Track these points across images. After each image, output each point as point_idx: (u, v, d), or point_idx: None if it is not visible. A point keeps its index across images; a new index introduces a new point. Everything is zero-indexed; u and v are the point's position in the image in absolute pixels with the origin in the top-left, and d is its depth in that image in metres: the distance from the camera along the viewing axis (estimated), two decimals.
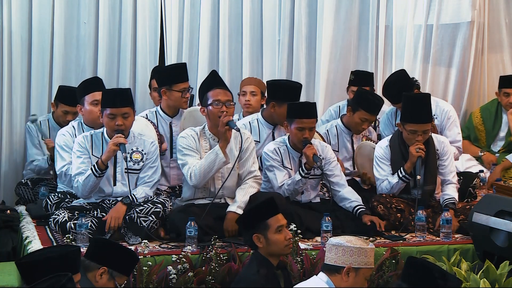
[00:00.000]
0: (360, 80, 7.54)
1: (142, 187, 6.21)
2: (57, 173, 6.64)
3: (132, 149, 6.24)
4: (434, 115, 7.41)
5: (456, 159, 7.27)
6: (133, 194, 6.11)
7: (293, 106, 6.45)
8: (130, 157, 6.22)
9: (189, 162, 6.15)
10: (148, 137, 6.38)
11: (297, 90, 6.81)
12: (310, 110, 6.42)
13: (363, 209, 6.36)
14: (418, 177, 6.36)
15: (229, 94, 6.24)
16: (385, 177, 6.55)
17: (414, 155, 6.38)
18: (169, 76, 6.80)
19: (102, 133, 6.23)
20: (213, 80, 6.98)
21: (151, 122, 6.85)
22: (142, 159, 6.25)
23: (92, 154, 6.18)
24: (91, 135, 6.23)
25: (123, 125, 6.15)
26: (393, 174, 6.54)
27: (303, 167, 6.37)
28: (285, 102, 6.57)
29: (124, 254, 4.66)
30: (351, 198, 6.44)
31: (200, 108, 6.35)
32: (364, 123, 6.97)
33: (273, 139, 6.79)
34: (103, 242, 4.80)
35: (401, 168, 6.45)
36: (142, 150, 6.25)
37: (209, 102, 6.17)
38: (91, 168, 6.03)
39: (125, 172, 6.19)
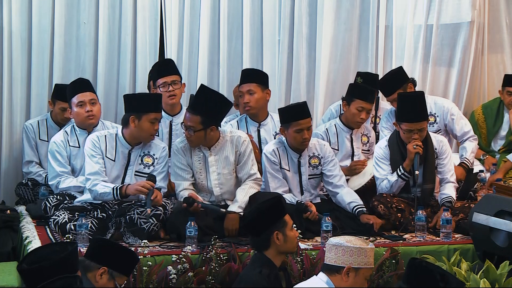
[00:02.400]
0: (368, 83, 7.52)
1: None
2: (49, 182, 6.66)
3: (144, 152, 6.24)
4: (435, 113, 7.42)
5: (476, 153, 7.49)
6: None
7: (286, 110, 6.48)
8: (141, 160, 6.22)
9: (176, 185, 6.24)
10: (159, 142, 6.38)
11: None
12: (303, 110, 6.42)
13: (361, 209, 6.37)
14: (417, 172, 6.40)
15: (193, 119, 6.11)
16: (384, 176, 6.56)
17: (411, 151, 6.41)
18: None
19: (116, 134, 6.22)
20: (195, 98, 6.47)
21: None
22: (153, 163, 6.25)
23: (106, 156, 6.17)
24: (105, 136, 6.22)
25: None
26: (392, 173, 6.55)
27: (402, 167, 6.43)
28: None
29: (124, 254, 4.65)
30: (349, 199, 6.46)
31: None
32: (361, 112, 6.97)
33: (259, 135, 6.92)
34: (103, 242, 4.79)
35: (400, 166, 6.47)
36: (154, 155, 6.25)
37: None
38: (114, 189, 6.01)
39: (135, 175, 6.20)
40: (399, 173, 6.48)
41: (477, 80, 8.68)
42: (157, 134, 6.87)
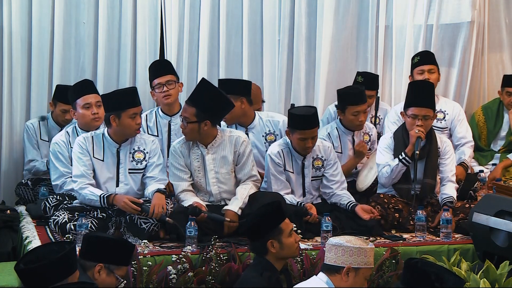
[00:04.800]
0: (368, 82, 7.54)
1: (156, 183, 6.21)
2: (52, 183, 6.66)
3: (133, 149, 6.24)
4: (445, 111, 7.48)
5: (471, 157, 7.55)
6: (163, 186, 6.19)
7: (294, 116, 6.39)
8: (133, 157, 6.22)
9: (175, 185, 6.25)
10: (148, 136, 6.39)
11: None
12: (311, 121, 6.36)
13: (355, 203, 6.40)
14: (417, 152, 6.44)
15: (188, 110, 6.13)
16: (386, 163, 6.57)
17: (413, 135, 6.47)
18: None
19: (103, 134, 6.22)
20: (194, 90, 6.45)
21: (148, 125, 6.91)
22: (144, 158, 6.25)
23: (93, 157, 6.17)
24: (92, 136, 6.22)
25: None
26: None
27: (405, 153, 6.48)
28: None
29: (117, 246, 4.62)
30: (344, 196, 6.48)
31: None
32: (358, 115, 6.97)
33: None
34: (95, 239, 4.69)
35: (402, 151, 6.49)
36: (144, 149, 6.26)
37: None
38: (100, 197, 6.01)
39: (129, 173, 6.20)
40: (401, 158, 6.49)
41: (477, 80, 8.67)
42: (156, 135, 6.90)
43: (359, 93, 7.05)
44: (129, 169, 6.21)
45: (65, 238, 5.82)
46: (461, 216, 6.41)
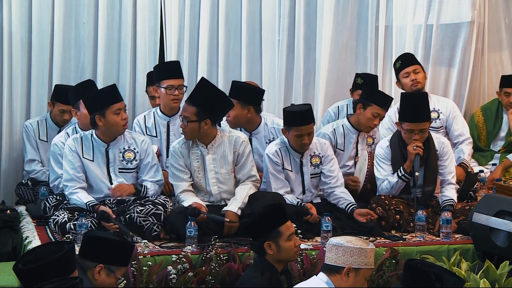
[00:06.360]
0: (368, 84, 7.54)
1: (150, 183, 6.22)
2: (50, 184, 6.66)
3: (124, 148, 6.23)
4: (439, 110, 7.45)
5: (470, 155, 7.52)
6: (145, 185, 6.16)
7: (289, 114, 6.38)
8: (123, 157, 6.22)
9: (175, 186, 6.26)
10: (139, 135, 6.39)
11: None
12: (306, 117, 6.35)
13: (354, 206, 6.39)
14: (417, 174, 6.40)
15: (188, 110, 6.15)
16: (385, 177, 6.55)
17: (412, 152, 6.41)
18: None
19: (92, 134, 6.22)
20: (194, 89, 6.47)
21: (146, 126, 6.92)
22: (135, 157, 6.24)
23: (83, 157, 6.17)
24: (81, 137, 6.22)
25: None
26: (393, 174, 6.54)
27: (403, 169, 6.44)
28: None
29: (117, 246, 4.59)
30: (343, 197, 6.46)
31: None
32: (376, 118, 6.94)
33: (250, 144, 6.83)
34: (94, 239, 4.67)
35: (401, 167, 6.46)
36: (134, 149, 6.25)
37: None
38: (87, 205, 6.03)
39: (119, 172, 6.19)
40: (400, 174, 6.47)
41: (477, 80, 8.68)
42: (155, 135, 6.90)
43: (388, 100, 7.05)
44: (119, 169, 6.21)
45: (65, 238, 5.82)
46: (461, 218, 6.39)
